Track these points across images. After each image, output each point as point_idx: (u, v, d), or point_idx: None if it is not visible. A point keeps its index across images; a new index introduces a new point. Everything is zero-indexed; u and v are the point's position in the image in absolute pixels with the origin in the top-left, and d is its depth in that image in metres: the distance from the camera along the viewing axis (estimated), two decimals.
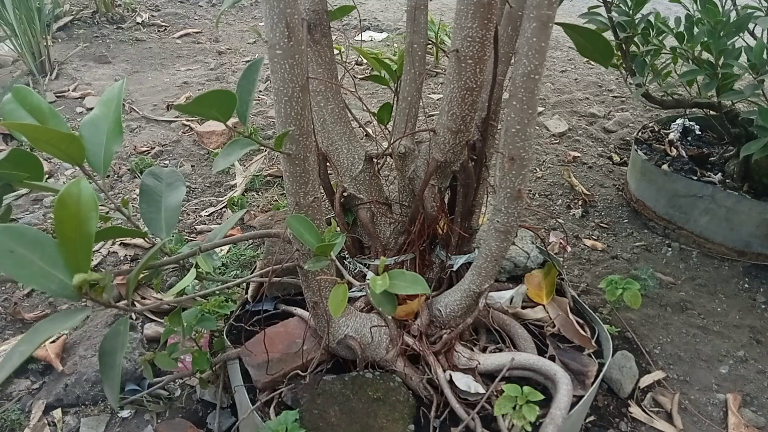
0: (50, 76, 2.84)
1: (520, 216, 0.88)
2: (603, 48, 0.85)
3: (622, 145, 2.34)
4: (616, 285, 1.30)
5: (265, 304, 1.19)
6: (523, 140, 0.80)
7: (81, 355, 1.24)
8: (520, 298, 1.21)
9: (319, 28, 0.97)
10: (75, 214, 0.51)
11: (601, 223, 1.84)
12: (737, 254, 1.65)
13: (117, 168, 2.10)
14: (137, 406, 1.19)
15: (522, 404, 0.89)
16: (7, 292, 1.50)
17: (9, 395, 1.21)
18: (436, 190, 1.03)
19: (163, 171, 0.87)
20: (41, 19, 2.79)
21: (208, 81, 2.93)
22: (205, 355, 1.07)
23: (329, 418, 0.92)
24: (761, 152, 1.38)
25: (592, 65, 3.19)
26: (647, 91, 1.70)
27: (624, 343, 1.37)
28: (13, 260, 0.51)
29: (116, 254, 1.66)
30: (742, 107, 1.77)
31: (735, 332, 1.42)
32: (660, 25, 1.58)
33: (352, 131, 1.08)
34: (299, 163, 0.83)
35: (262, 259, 1.27)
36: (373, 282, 0.69)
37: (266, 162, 2.17)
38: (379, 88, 2.84)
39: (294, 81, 0.76)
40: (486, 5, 0.80)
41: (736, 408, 1.21)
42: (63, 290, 0.53)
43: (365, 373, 0.99)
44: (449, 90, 0.90)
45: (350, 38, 3.51)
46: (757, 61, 1.35)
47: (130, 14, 3.79)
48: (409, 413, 0.95)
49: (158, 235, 0.81)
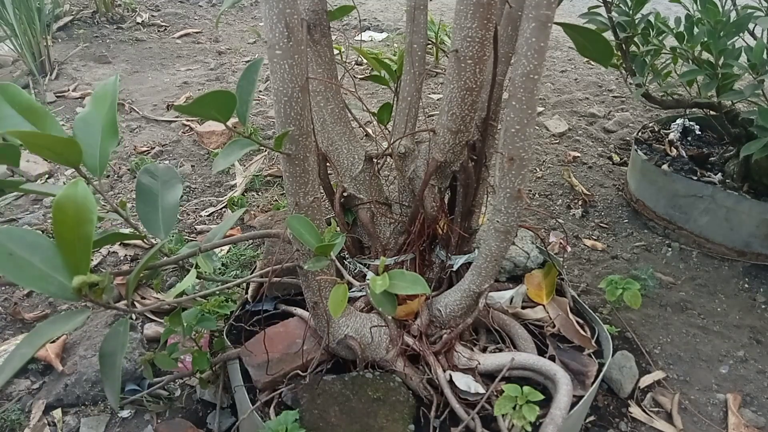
0: (50, 76, 2.84)
1: (520, 216, 0.88)
2: (603, 48, 0.85)
3: (622, 145, 2.34)
4: (616, 285, 1.30)
5: (265, 304, 1.19)
6: (523, 140, 0.80)
7: (81, 355, 1.24)
8: (520, 298, 1.21)
9: (319, 28, 0.97)
10: (73, 217, 0.51)
11: (601, 223, 1.84)
12: (737, 254, 1.65)
13: (117, 168, 2.10)
14: (137, 406, 1.19)
15: (522, 404, 0.89)
16: (7, 292, 1.50)
17: (9, 395, 1.21)
18: (436, 190, 1.03)
19: (159, 168, 0.85)
20: (41, 19, 2.79)
21: (208, 81, 2.93)
22: (205, 355, 1.07)
23: (329, 418, 0.92)
24: (761, 152, 1.38)
25: (592, 65, 3.19)
26: (647, 91, 1.70)
27: (624, 343, 1.37)
28: (12, 263, 0.51)
29: (116, 254, 1.66)
30: (742, 107, 1.77)
31: (735, 332, 1.42)
32: (660, 25, 1.58)
33: (352, 131, 1.08)
34: (299, 164, 0.83)
35: (262, 259, 1.27)
36: (373, 282, 0.69)
37: (266, 162, 2.17)
38: (379, 88, 2.84)
39: (293, 81, 0.76)
40: (486, 5, 0.80)
41: (736, 408, 1.21)
42: (62, 292, 0.53)
43: (365, 373, 0.99)
44: (449, 90, 0.90)
45: (350, 38, 3.50)
46: (757, 61, 1.35)
47: (130, 14, 3.78)
48: (409, 413, 0.95)
49: (157, 235, 0.81)
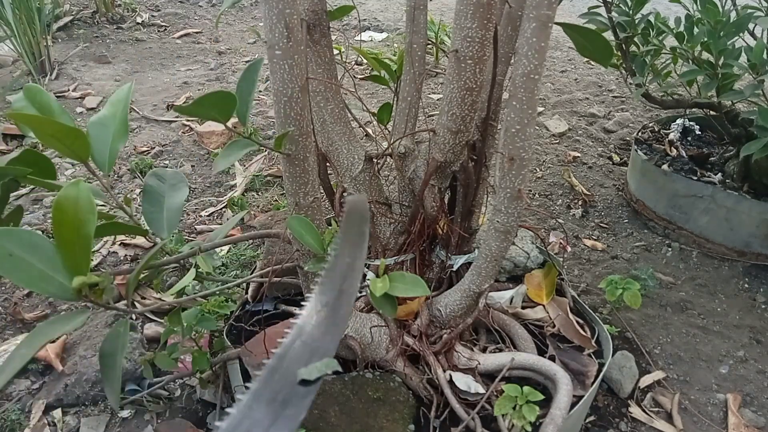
0: (50, 76, 2.84)
1: (520, 216, 0.88)
2: (603, 48, 0.85)
3: (622, 145, 2.34)
4: (616, 285, 1.30)
5: (265, 304, 1.19)
6: (523, 140, 0.80)
7: (81, 355, 1.24)
8: (520, 298, 1.21)
9: (319, 28, 0.97)
10: (73, 217, 0.51)
11: (601, 223, 1.84)
12: (737, 254, 1.65)
13: (117, 168, 2.10)
14: (137, 406, 1.19)
15: (522, 404, 0.89)
16: (7, 292, 1.50)
17: (9, 395, 1.21)
18: (436, 190, 1.03)
19: (167, 172, 0.87)
20: (41, 19, 2.78)
21: (208, 81, 2.93)
22: (205, 355, 1.07)
23: (329, 418, 0.92)
24: (761, 152, 1.37)
25: (592, 65, 3.19)
26: (647, 91, 1.70)
27: (624, 343, 1.37)
28: (11, 264, 0.51)
29: (116, 254, 1.66)
30: (742, 107, 1.77)
31: (735, 332, 1.42)
32: (660, 25, 1.58)
33: (351, 131, 1.08)
34: (299, 164, 0.83)
35: (262, 259, 1.27)
36: (374, 284, 0.69)
37: (266, 162, 2.17)
38: (379, 88, 2.84)
39: (293, 82, 0.76)
40: (486, 5, 0.80)
41: (736, 408, 1.21)
42: (62, 293, 0.53)
43: (365, 373, 0.99)
44: (449, 90, 0.90)
45: (350, 38, 3.50)
46: (757, 61, 1.35)
47: (130, 14, 3.78)
48: (409, 413, 0.95)
49: (159, 234, 0.81)
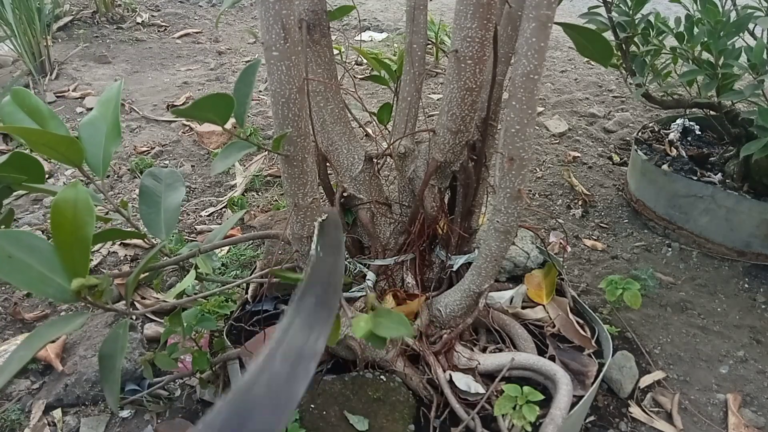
0: (50, 77, 2.84)
1: (520, 216, 0.88)
2: (603, 48, 0.85)
3: (622, 145, 2.34)
4: (616, 285, 1.30)
5: (265, 304, 1.19)
6: (523, 140, 0.80)
7: (81, 355, 1.24)
8: (520, 298, 1.21)
9: (319, 28, 0.97)
10: (71, 219, 0.51)
11: (601, 223, 1.84)
12: (737, 254, 1.64)
13: (117, 168, 2.10)
14: (137, 407, 1.19)
15: (522, 404, 0.89)
16: (7, 292, 1.50)
17: (9, 395, 1.21)
18: (436, 190, 1.03)
19: (163, 172, 0.87)
20: (41, 19, 2.78)
21: (208, 81, 2.93)
22: (205, 355, 1.07)
23: (329, 418, 0.92)
24: (761, 152, 1.37)
25: (592, 65, 3.19)
26: (647, 91, 1.70)
27: (624, 343, 1.37)
28: (10, 265, 0.51)
29: (116, 254, 1.66)
30: (742, 107, 1.77)
31: (735, 332, 1.42)
32: (660, 25, 1.58)
33: (351, 131, 1.08)
34: (297, 165, 0.83)
35: (262, 259, 1.27)
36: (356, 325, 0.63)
37: (266, 162, 2.17)
38: (379, 88, 2.84)
39: (291, 83, 0.76)
40: (485, 5, 0.79)
41: (736, 408, 1.21)
42: (61, 294, 0.53)
43: (365, 373, 0.99)
44: (449, 90, 0.90)
45: (350, 38, 3.50)
46: (757, 61, 1.35)
47: (130, 14, 3.78)
48: (409, 413, 0.95)
49: (158, 236, 0.81)
